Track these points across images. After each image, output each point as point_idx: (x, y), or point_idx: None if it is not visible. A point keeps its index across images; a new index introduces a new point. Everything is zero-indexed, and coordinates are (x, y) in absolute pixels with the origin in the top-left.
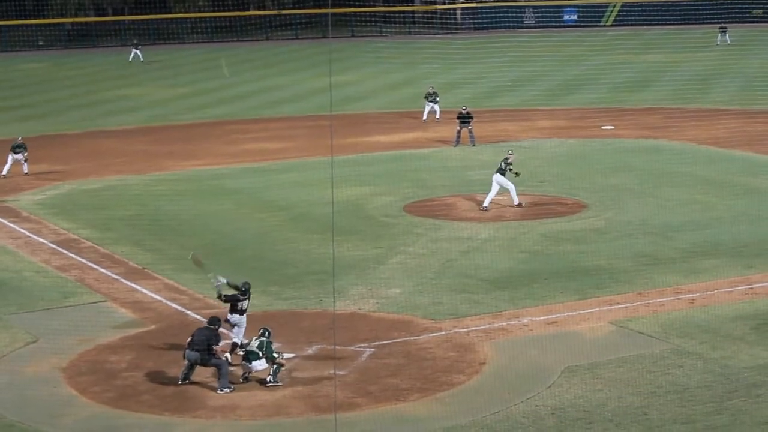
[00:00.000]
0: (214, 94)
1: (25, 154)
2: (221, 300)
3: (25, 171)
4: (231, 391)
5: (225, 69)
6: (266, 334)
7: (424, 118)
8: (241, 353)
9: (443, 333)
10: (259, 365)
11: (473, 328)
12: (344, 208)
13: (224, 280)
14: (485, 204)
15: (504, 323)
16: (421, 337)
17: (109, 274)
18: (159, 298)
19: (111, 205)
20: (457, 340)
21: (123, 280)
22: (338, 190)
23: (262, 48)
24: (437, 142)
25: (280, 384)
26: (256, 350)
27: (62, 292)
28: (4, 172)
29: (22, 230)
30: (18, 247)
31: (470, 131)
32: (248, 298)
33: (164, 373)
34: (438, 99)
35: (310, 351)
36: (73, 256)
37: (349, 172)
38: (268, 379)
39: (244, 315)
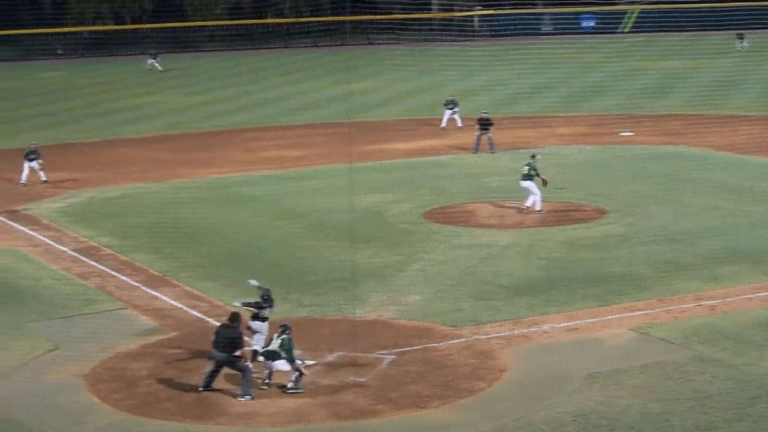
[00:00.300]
0: (232, 101)
1: (40, 162)
2: (242, 306)
3: (43, 179)
4: (252, 399)
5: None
6: (287, 331)
7: (443, 125)
8: (261, 360)
9: (463, 340)
10: (282, 365)
11: (493, 335)
12: (363, 215)
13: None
14: (534, 205)
15: (524, 330)
16: (441, 344)
17: (130, 281)
18: (179, 305)
19: (130, 213)
20: (478, 347)
21: (143, 288)
22: (357, 197)
23: (280, 56)
24: (456, 149)
25: (301, 391)
26: (278, 350)
27: (83, 300)
28: (23, 180)
29: (42, 238)
30: (38, 255)
31: (489, 138)
32: (270, 306)
33: (185, 381)
34: (456, 108)
35: (330, 358)
36: (94, 263)
37: (368, 180)
38: (289, 386)
39: (266, 322)
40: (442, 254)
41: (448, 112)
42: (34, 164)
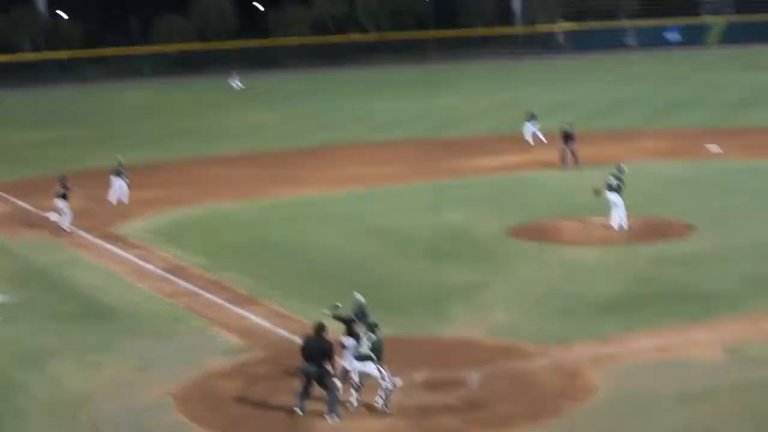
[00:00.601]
0: (316, 119)
1: (127, 181)
2: (331, 316)
3: (125, 200)
4: (340, 419)
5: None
6: (377, 330)
7: (528, 139)
8: (352, 376)
9: (551, 358)
10: (372, 369)
11: (582, 354)
12: (449, 232)
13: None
14: (621, 222)
15: (612, 348)
16: (529, 362)
17: (218, 300)
18: (267, 324)
19: (217, 232)
20: (566, 366)
21: (231, 307)
22: (443, 214)
23: (364, 72)
24: (541, 164)
25: (389, 411)
26: (369, 352)
27: (171, 318)
28: (112, 198)
29: (129, 256)
30: (126, 274)
31: (574, 152)
32: (364, 322)
33: (274, 400)
34: (538, 123)
35: (418, 377)
36: (181, 282)
37: (453, 196)
38: (378, 404)
39: (359, 340)
40: (528, 271)
41: (530, 127)
42: (122, 182)
